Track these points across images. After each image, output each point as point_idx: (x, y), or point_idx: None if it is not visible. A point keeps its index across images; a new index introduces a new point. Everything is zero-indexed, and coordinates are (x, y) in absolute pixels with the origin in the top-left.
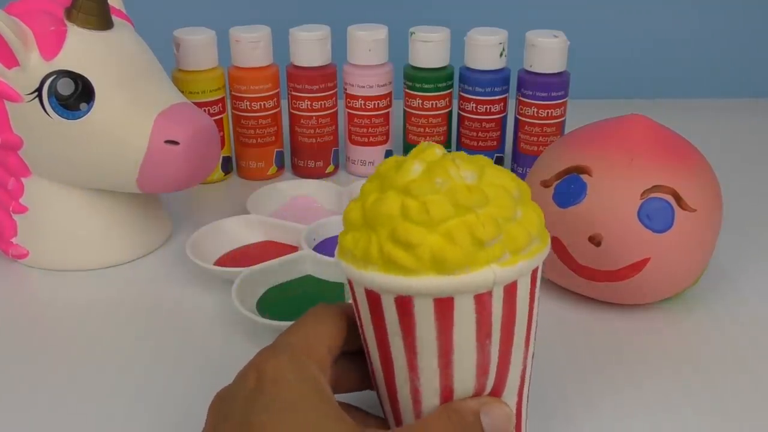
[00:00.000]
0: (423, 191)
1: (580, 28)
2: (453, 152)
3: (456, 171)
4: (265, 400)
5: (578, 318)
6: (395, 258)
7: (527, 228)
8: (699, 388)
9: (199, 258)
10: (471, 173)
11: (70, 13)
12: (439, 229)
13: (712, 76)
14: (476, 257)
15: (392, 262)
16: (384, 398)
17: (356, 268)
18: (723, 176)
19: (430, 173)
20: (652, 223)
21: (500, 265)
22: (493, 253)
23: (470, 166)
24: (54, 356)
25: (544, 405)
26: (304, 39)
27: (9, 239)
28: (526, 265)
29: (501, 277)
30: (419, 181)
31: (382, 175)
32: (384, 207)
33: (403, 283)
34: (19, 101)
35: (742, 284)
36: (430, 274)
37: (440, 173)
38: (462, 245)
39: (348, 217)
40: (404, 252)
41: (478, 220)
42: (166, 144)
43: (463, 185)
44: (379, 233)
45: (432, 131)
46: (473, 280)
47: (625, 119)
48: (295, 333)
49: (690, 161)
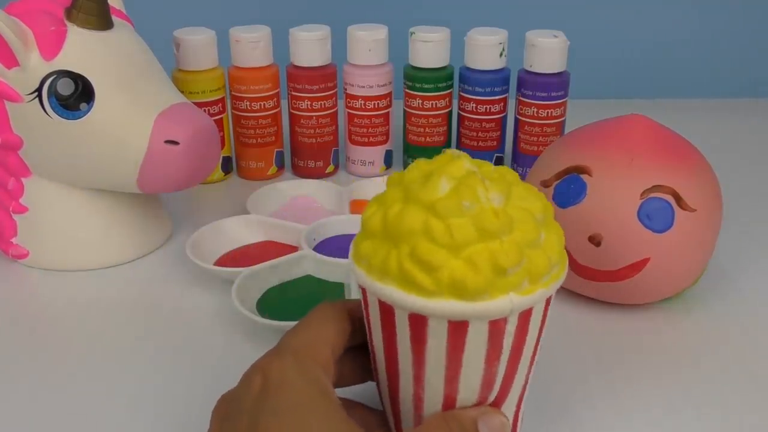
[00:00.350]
0: (449, 212)
1: (580, 28)
2: (479, 163)
3: (484, 193)
4: (272, 402)
5: (578, 318)
6: (414, 278)
7: (548, 254)
8: (699, 388)
9: (199, 258)
10: (498, 195)
11: (70, 13)
12: (461, 254)
13: (712, 76)
14: (496, 285)
15: (411, 281)
16: (385, 398)
17: (372, 279)
18: (723, 176)
19: (458, 193)
20: (652, 223)
21: (519, 293)
22: (513, 281)
23: (498, 186)
24: (54, 356)
25: (544, 405)
26: (304, 39)
27: (9, 239)
28: (543, 293)
29: (518, 306)
30: (446, 200)
31: (406, 185)
32: (407, 222)
33: (420, 303)
34: (19, 101)
35: (741, 284)
36: (448, 298)
37: (468, 195)
38: (483, 273)
39: (367, 224)
40: (424, 273)
41: (502, 248)
42: (166, 144)
43: (490, 209)
44: (399, 248)
45: (432, 131)
46: (490, 308)
47: (625, 119)
48: (299, 335)
49: (690, 161)
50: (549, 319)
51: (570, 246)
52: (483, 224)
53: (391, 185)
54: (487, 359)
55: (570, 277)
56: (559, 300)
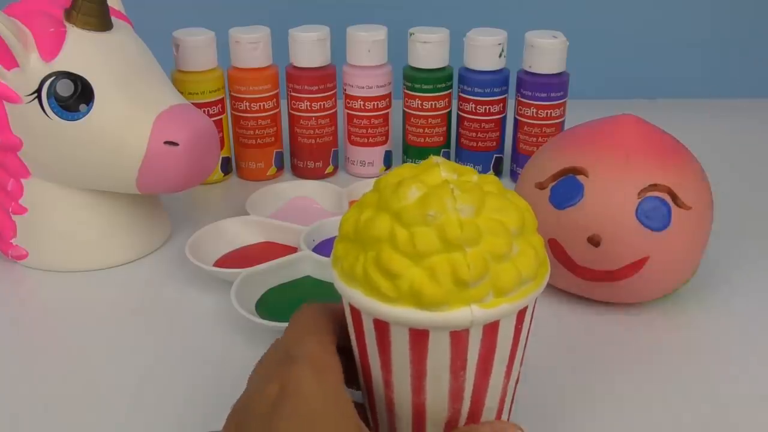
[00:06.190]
0: (413, 221)
1: (579, 28)
2: (463, 170)
3: (452, 203)
4: (288, 410)
5: (578, 318)
6: (376, 284)
7: (519, 269)
8: (699, 387)
9: (199, 259)
10: (469, 206)
11: (70, 15)
12: (422, 263)
13: (712, 76)
14: (456, 296)
15: (374, 287)
16: (365, 399)
17: (343, 282)
18: (722, 175)
19: (425, 202)
20: (650, 221)
21: (481, 306)
22: (476, 293)
23: (470, 197)
24: (54, 356)
25: (544, 404)
26: (304, 39)
27: (8, 240)
28: (509, 308)
29: (479, 318)
30: (412, 209)
31: (381, 190)
32: (374, 229)
33: (381, 309)
34: (19, 102)
35: (733, 279)
36: (408, 306)
37: (435, 204)
38: (442, 283)
39: (343, 226)
40: (386, 280)
41: (464, 260)
42: (165, 145)
43: (455, 220)
44: (367, 253)
45: (431, 132)
46: (449, 318)
47: (616, 119)
48: (306, 342)
49: (682, 159)
50: (549, 319)
51: (568, 247)
52: (447, 234)
53: (373, 188)
54: (452, 369)
55: (569, 279)
56: (559, 300)
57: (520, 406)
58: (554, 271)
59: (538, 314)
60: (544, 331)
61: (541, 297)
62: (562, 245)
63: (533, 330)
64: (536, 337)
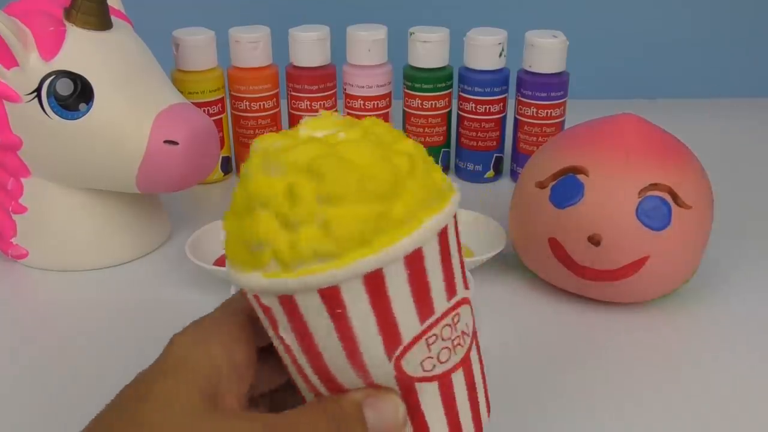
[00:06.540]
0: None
1: (579, 28)
2: (345, 124)
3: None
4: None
5: (578, 318)
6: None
7: (305, 240)
8: (698, 385)
9: (199, 258)
10: (280, 166)
11: (70, 14)
12: (226, 226)
13: (711, 76)
14: (247, 261)
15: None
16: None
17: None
18: (722, 175)
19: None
20: (650, 221)
21: (266, 275)
22: (261, 260)
23: (294, 154)
24: (54, 356)
25: (543, 404)
26: (304, 39)
27: (8, 239)
28: (291, 283)
29: (264, 288)
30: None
31: None
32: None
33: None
34: (19, 101)
35: (733, 278)
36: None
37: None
38: (233, 247)
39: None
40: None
41: (250, 223)
42: (165, 144)
43: (261, 180)
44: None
45: (431, 131)
46: (241, 281)
47: (616, 119)
48: (186, 345)
49: (682, 158)
50: (549, 319)
51: (568, 247)
52: (250, 192)
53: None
54: (298, 341)
55: (569, 278)
56: (559, 300)
57: (520, 405)
58: (554, 270)
59: (538, 314)
60: (544, 330)
61: (542, 297)
62: (563, 245)
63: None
64: (536, 337)
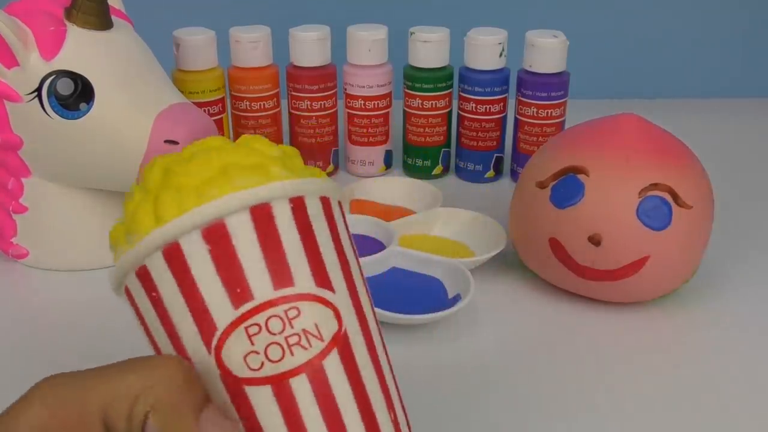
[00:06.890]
0: None
1: (580, 28)
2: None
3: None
4: None
5: (578, 318)
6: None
7: (136, 220)
8: (699, 385)
9: None
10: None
11: (70, 13)
12: None
13: (711, 76)
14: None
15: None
16: None
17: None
18: (722, 175)
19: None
20: (651, 221)
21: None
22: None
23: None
24: (54, 356)
25: (543, 403)
26: (304, 39)
27: (9, 239)
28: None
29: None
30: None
31: None
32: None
33: None
34: (19, 101)
35: (734, 278)
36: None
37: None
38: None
39: None
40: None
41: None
42: (165, 144)
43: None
44: None
45: (432, 131)
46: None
47: (617, 118)
48: None
49: (682, 158)
50: (549, 319)
51: (568, 247)
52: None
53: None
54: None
55: (569, 278)
56: (559, 300)
57: (519, 405)
58: (554, 270)
59: (538, 314)
60: (544, 330)
61: (542, 297)
62: (563, 244)
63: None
64: (536, 337)
